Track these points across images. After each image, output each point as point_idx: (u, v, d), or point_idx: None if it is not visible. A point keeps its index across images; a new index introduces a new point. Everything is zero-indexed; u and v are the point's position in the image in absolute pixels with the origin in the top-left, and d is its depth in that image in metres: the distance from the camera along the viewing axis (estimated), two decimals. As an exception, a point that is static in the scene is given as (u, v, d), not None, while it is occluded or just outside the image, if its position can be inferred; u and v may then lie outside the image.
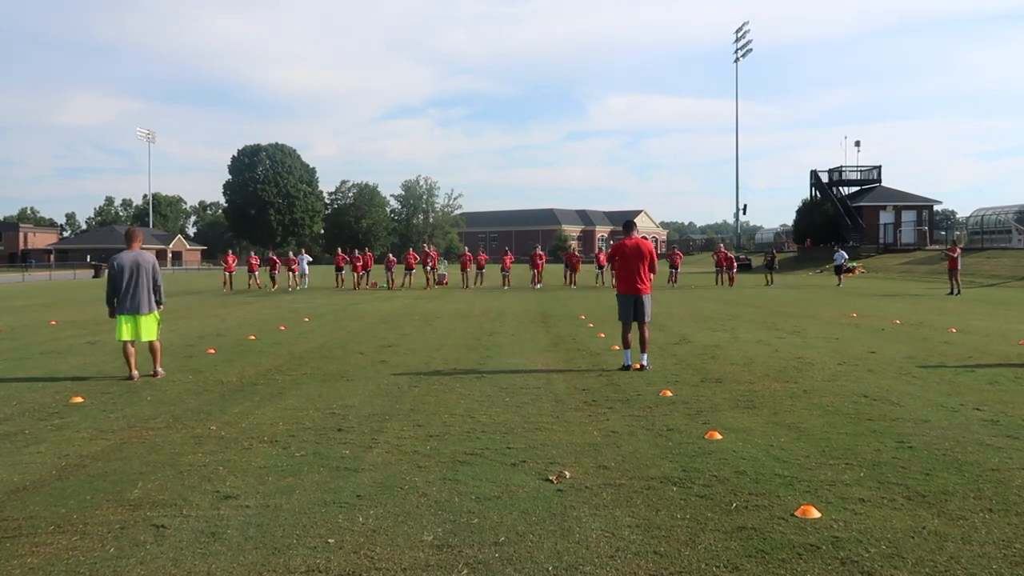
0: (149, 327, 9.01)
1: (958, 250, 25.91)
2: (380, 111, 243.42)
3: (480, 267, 34.56)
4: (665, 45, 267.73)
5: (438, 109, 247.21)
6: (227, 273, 31.84)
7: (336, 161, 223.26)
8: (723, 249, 37.14)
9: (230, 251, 36.42)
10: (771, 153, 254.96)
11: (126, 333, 8.88)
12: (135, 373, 8.94)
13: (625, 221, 9.92)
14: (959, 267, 25.49)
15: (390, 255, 36.67)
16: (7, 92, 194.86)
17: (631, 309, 9.45)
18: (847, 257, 37.16)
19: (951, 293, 25.08)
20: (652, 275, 9.57)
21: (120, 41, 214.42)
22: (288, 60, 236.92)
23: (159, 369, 9.22)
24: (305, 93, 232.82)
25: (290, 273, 32.72)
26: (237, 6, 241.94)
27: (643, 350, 9.35)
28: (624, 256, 9.50)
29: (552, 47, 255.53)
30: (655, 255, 9.51)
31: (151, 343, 9.11)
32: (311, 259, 37.33)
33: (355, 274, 32.87)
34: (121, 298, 8.83)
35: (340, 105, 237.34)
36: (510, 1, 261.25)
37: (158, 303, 9.13)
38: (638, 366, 9.25)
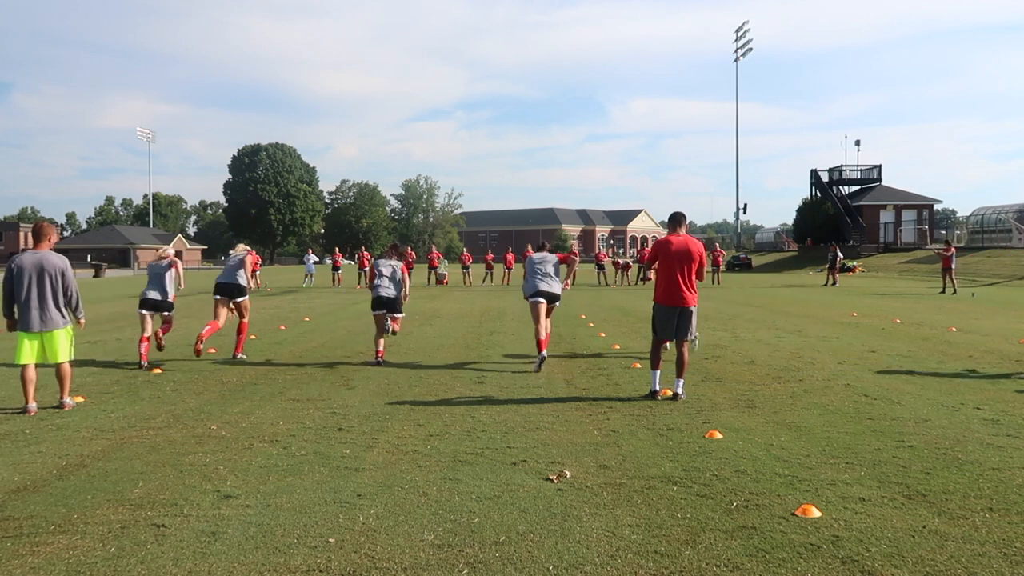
0: (57, 347, 7.09)
1: (952, 249, 25.98)
2: (410, 113, 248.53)
3: (465, 266, 35.36)
4: (690, 51, 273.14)
5: (465, 111, 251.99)
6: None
7: (359, 162, 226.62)
8: (718, 248, 37.84)
9: (254, 252, 37.46)
10: (787, 155, 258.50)
11: (27, 355, 7.01)
12: (32, 406, 7.03)
13: (672, 213, 7.96)
14: (953, 266, 25.54)
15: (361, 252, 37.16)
16: (50, 95, 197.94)
17: (672, 323, 7.61)
18: (843, 256, 37.09)
19: (943, 292, 25.12)
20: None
21: (159, 47, 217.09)
22: (326, 67, 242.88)
23: (67, 399, 7.27)
24: (338, 98, 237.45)
25: (253, 274, 32.87)
26: (281, 16, 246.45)
27: (679, 374, 7.59)
28: (668, 257, 7.63)
29: (579, 52, 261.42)
30: (704, 258, 7.78)
31: (59, 366, 7.19)
32: (317, 259, 37.69)
33: (359, 272, 33.48)
34: (22, 311, 7.01)
35: (371, 108, 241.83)
36: (542, 9, 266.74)
37: (75, 318, 7.40)
38: (669, 393, 7.57)
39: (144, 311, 9.98)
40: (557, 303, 9.92)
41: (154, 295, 10.05)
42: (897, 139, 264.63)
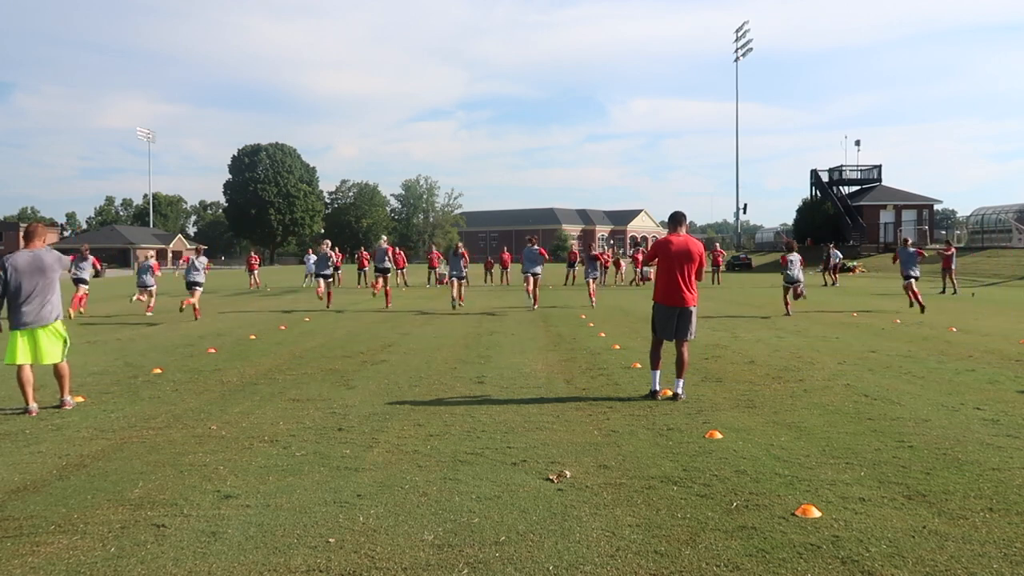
0: (50, 346, 7.10)
1: (952, 249, 25.97)
2: (410, 113, 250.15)
3: (432, 266, 35.33)
4: (690, 51, 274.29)
5: (465, 111, 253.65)
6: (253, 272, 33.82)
7: (359, 162, 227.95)
8: (718, 248, 38.94)
9: (252, 252, 38.16)
10: (787, 155, 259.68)
11: (22, 354, 6.98)
12: (33, 406, 7.03)
13: (672, 213, 7.95)
14: (953, 266, 25.54)
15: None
16: (50, 95, 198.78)
17: (672, 324, 7.60)
18: (841, 256, 37.08)
19: (943, 292, 25.12)
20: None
21: (159, 47, 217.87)
22: (327, 67, 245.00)
23: (67, 398, 7.30)
24: (338, 98, 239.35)
25: (251, 274, 33.69)
26: (281, 16, 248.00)
27: (679, 375, 7.58)
28: (668, 257, 7.60)
29: (579, 52, 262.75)
30: (704, 258, 7.76)
31: (56, 366, 7.19)
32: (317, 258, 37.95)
33: (358, 272, 33.88)
34: (16, 309, 7.00)
35: (371, 108, 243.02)
36: (542, 9, 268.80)
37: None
38: (669, 393, 7.56)
39: (319, 279, 19.94)
40: (539, 276, 19.45)
41: (325, 271, 20.02)
42: (897, 139, 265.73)
